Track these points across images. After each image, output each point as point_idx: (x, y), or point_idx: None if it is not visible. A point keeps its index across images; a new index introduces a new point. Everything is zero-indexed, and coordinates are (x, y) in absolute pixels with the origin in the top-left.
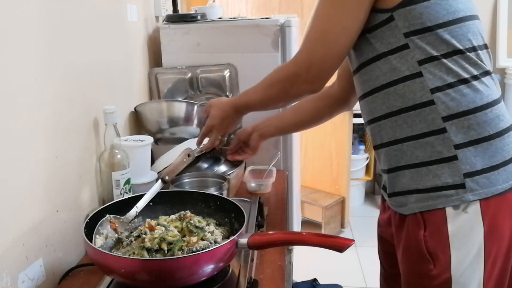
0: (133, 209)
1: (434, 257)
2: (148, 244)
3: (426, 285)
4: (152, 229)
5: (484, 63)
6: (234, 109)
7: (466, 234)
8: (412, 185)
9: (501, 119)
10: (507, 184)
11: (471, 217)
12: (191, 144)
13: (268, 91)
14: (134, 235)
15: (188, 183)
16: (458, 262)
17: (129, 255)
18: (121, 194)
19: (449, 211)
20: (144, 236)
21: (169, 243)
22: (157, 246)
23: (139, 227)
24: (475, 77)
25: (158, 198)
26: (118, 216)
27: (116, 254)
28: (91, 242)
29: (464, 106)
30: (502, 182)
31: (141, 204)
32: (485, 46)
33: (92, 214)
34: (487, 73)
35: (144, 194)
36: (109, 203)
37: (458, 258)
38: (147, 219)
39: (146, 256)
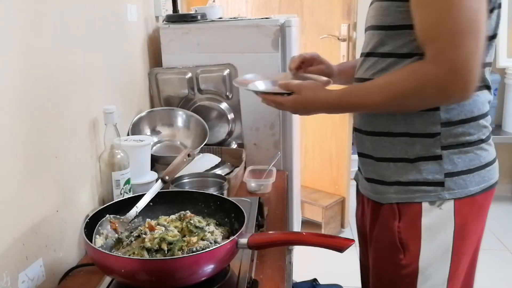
0: (133, 209)
1: (405, 247)
2: (148, 244)
3: (394, 273)
4: (152, 229)
5: (487, 78)
6: (330, 106)
7: (438, 229)
8: (394, 177)
9: (486, 128)
10: (478, 187)
11: (445, 214)
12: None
13: (396, 99)
14: (134, 235)
15: (188, 183)
16: (427, 255)
17: (129, 255)
18: (121, 194)
19: (425, 205)
20: (144, 236)
21: (169, 243)
22: (157, 246)
23: (139, 227)
24: (477, 89)
25: (158, 198)
26: (118, 216)
27: (116, 254)
28: (91, 242)
29: (463, 115)
30: (475, 184)
31: (141, 204)
32: (490, 64)
33: (92, 214)
34: (487, 87)
35: (144, 194)
36: (109, 203)
37: (427, 250)
38: (147, 219)
39: (146, 256)
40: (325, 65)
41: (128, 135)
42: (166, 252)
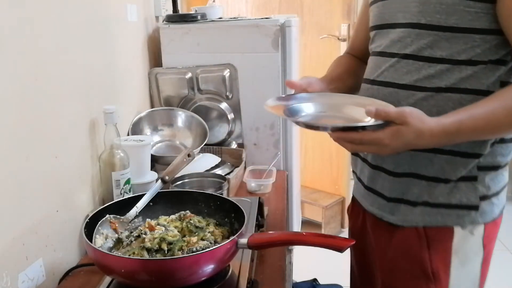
0: (133, 209)
1: (436, 277)
2: (148, 244)
3: None
4: (152, 229)
5: None
6: (446, 135)
7: (469, 256)
8: (422, 196)
9: None
10: (500, 208)
11: (475, 240)
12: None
13: None
14: (134, 235)
15: (188, 183)
16: (457, 285)
17: (129, 255)
18: (121, 194)
19: (457, 230)
20: (144, 236)
21: (169, 243)
22: (157, 246)
23: (139, 227)
24: None
25: (158, 198)
26: (118, 216)
27: (116, 254)
28: (91, 242)
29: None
30: (500, 206)
31: (141, 204)
32: None
33: (92, 214)
34: None
35: (144, 194)
36: (109, 203)
37: (457, 280)
38: (147, 219)
39: (146, 256)
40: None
41: (128, 135)
42: (166, 252)
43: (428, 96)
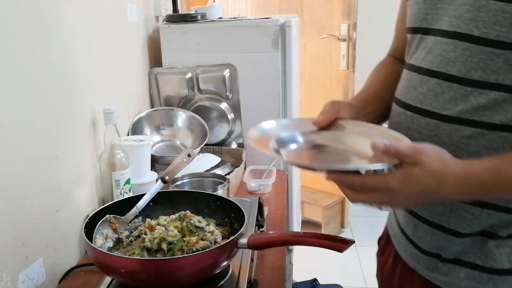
0: (133, 209)
1: None
2: (148, 244)
3: None
4: (152, 229)
5: None
6: (480, 184)
7: None
8: (469, 256)
9: None
10: None
11: None
12: None
13: None
14: (134, 235)
15: (188, 183)
16: None
17: (129, 255)
18: (121, 194)
19: None
20: (144, 236)
21: (169, 243)
22: (157, 246)
23: (139, 227)
24: None
25: (158, 198)
26: (118, 216)
27: (116, 254)
28: (91, 242)
29: None
30: None
31: (141, 204)
32: None
33: (92, 214)
34: None
35: (144, 194)
36: (109, 203)
37: None
38: (147, 219)
39: (146, 256)
40: (345, 110)
41: (128, 135)
42: (166, 252)
43: (477, 133)
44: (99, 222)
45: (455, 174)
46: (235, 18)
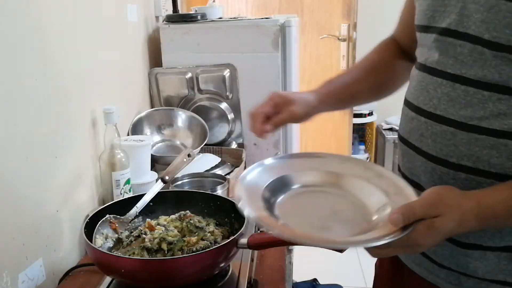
0: (133, 209)
1: None
2: (148, 244)
3: None
4: (152, 229)
5: None
6: (475, 219)
7: None
8: (496, 274)
9: None
10: None
11: None
12: None
13: None
14: (134, 235)
15: (188, 183)
16: None
17: (129, 255)
18: (121, 194)
19: None
20: (144, 236)
21: (169, 243)
22: (157, 246)
23: (139, 227)
24: None
25: (158, 198)
26: (118, 216)
27: (116, 254)
28: (91, 242)
29: None
30: None
31: (141, 204)
32: None
33: (92, 214)
34: None
35: (144, 194)
36: (109, 203)
37: None
38: (147, 219)
39: (146, 256)
40: (296, 105)
41: (128, 135)
42: (166, 252)
43: (499, 144)
44: (99, 222)
45: (472, 211)
46: (235, 18)
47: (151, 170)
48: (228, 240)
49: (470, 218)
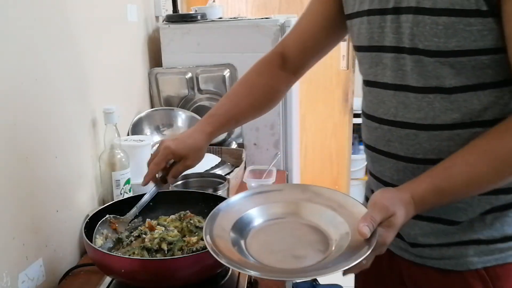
0: (133, 209)
1: None
2: (148, 244)
3: None
4: (152, 229)
5: None
6: (414, 208)
7: None
8: (471, 235)
9: None
10: None
11: None
12: None
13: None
14: (134, 235)
15: (188, 183)
16: None
17: (129, 255)
18: (121, 194)
19: None
20: (144, 236)
21: (169, 243)
22: (157, 246)
23: (139, 227)
24: None
25: (158, 198)
26: (118, 216)
27: (116, 254)
28: (91, 242)
29: None
30: None
31: (141, 204)
32: None
33: (92, 214)
34: None
35: (144, 194)
36: (109, 203)
37: None
38: (147, 219)
39: (146, 256)
40: (189, 159)
41: (128, 135)
42: (166, 252)
43: (454, 135)
44: (99, 222)
45: (411, 202)
46: (235, 18)
47: None
48: None
49: (411, 207)
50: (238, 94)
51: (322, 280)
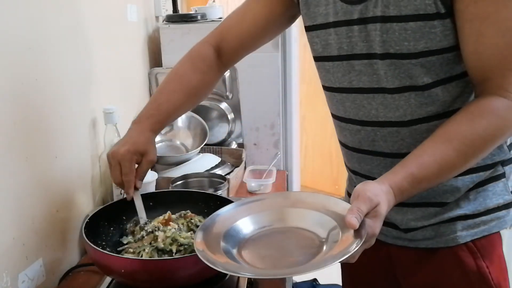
0: (141, 220)
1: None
2: (161, 245)
3: None
4: (168, 222)
5: None
6: (394, 198)
7: None
8: (458, 211)
9: None
10: None
11: None
12: None
13: (483, 152)
14: (147, 230)
15: (188, 183)
16: None
17: (139, 252)
18: (121, 194)
19: (503, 233)
20: (157, 233)
21: (180, 245)
22: (169, 247)
23: (153, 223)
24: None
25: (158, 198)
26: (136, 221)
27: (116, 254)
28: (91, 242)
29: None
30: None
31: (141, 213)
32: None
33: (92, 214)
34: None
35: (144, 194)
36: (109, 203)
37: None
38: (168, 211)
39: (156, 256)
40: (149, 153)
41: None
42: (174, 253)
43: (432, 126)
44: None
45: (390, 192)
46: None
47: (151, 170)
48: None
49: (391, 197)
50: (175, 92)
51: (322, 280)
